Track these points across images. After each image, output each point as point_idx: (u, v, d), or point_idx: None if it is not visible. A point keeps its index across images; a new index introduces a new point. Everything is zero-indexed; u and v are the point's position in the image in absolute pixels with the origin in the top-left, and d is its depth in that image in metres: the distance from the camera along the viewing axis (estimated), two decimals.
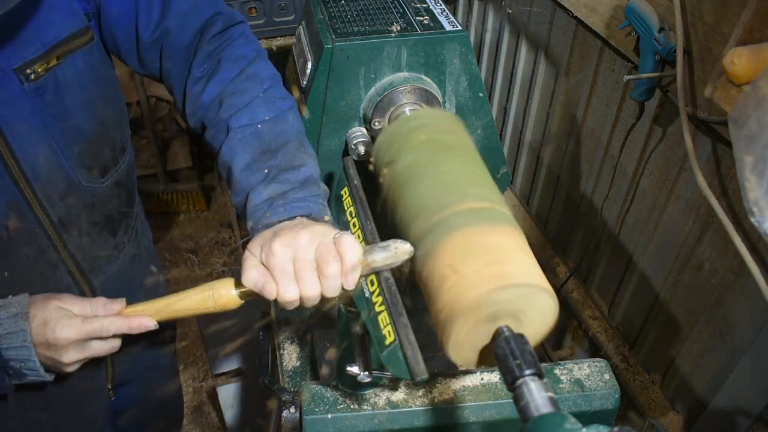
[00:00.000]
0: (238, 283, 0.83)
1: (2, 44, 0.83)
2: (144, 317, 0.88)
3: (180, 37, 0.99)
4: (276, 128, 0.95)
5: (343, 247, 0.76)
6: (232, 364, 2.31)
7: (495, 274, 0.68)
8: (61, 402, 1.13)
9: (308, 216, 0.85)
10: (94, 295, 1.08)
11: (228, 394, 2.20)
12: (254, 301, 0.85)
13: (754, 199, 0.72)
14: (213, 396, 2.38)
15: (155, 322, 0.89)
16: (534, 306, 0.69)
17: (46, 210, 0.95)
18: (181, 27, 0.98)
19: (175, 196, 3.21)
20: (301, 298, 0.79)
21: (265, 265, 0.79)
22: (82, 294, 1.06)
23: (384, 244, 0.78)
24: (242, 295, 0.84)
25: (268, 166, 0.90)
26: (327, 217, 0.87)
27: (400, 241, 0.78)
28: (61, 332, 0.85)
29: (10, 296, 0.88)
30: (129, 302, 0.91)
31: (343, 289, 0.78)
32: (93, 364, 0.97)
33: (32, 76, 0.87)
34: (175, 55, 1.00)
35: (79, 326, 0.86)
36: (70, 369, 0.90)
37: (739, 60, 0.84)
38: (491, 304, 0.66)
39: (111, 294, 0.96)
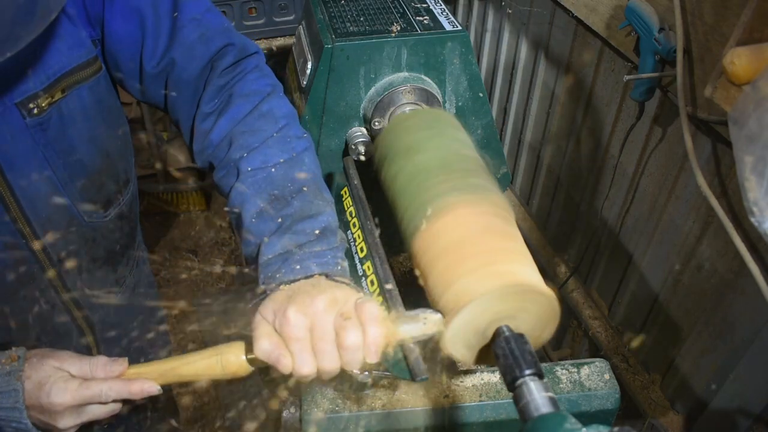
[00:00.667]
0: (249, 350, 0.77)
1: (4, 76, 0.77)
2: (147, 381, 0.81)
3: (186, 69, 0.92)
4: (291, 172, 0.87)
5: (365, 317, 0.70)
6: None
7: (496, 276, 0.68)
8: None
9: (326, 275, 0.78)
10: (93, 331, 1.03)
11: (229, 394, 2.20)
12: None
13: (754, 199, 0.71)
14: (213, 396, 2.38)
15: (159, 387, 0.82)
16: (535, 309, 0.68)
17: (46, 250, 0.89)
18: (188, 58, 0.91)
19: (175, 196, 3.21)
20: (318, 371, 0.72)
21: (279, 334, 0.72)
22: (80, 333, 1.01)
23: (413, 313, 0.71)
24: (253, 363, 0.77)
25: (282, 215, 0.83)
26: (346, 279, 0.79)
27: (429, 310, 0.71)
28: (56, 397, 0.79)
29: (7, 351, 0.81)
30: (128, 352, 0.86)
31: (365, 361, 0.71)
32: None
33: (35, 111, 0.81)
34: (181, 87, 0.93)
35: (75, 391, 0.79)
36: None
37: (739, 60, 0.84)
38: (492, 307, 0.66)
39: (110, 327, 0.93)
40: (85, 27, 0.86)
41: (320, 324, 0.70)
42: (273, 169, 0.86)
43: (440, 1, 1.22)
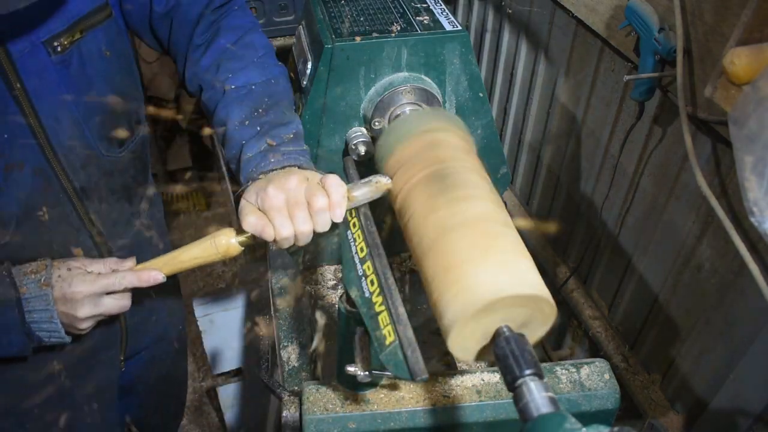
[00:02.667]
0: (238, 231, 0.91)
1: (31, 19, 0.90)
2: (153, 270, 0.95)
3: (190, 10, 1.08)
4: (268, 90, 1.03)
5: (328, 185, 0.85)
6: (232, 364, 2.31)
7: (491, 277, 0.68)
8: (76, 367, 1.19)
9: (298, 166, 0.93)
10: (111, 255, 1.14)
11: (228, 394, 2.20)
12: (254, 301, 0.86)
13: (754, 199, 0.72)
14: (213, 396, 2.38)
15: (164, 275, 0.95)
16: (538, 317, 0.68)
17: (69, 177, 1.01)
18: (191, 1, 1.07)
19: (175, 196, 3.22)
20: (295, 235, 0.86)
21: (261, 209, 0.86)
22: (101, 257, 1.11)
23: (366, 180, 0.87)
24: (242, 242, 0.91)
25: (260, 122, 0.98)
26: (313, 168, 0.94)
27: (380, 175, 0.87)
28: (77, 286, 0.92)
29: (35, 262, 0.95)
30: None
31: (333, 223, 0.86)
32: (109, 331, 1.09)
33: (59, 48, 0.93)
34: (183, 26, 1.08)
35: (93, 280, 0.93)
36: (85, 325, 0.96)
37: (739, 60, 0.84)
38: (492, 310, 0.66)
39: (127, 256, 1.02)
40: None
41: (293, 195, 0.85)
42: (253, 87, 1.02)
43: (440, 1, 1.22)
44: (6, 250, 0.99)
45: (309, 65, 1.13)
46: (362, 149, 1.09)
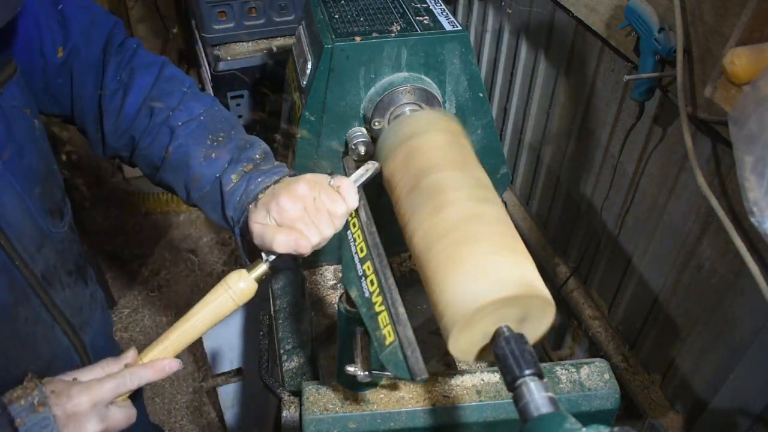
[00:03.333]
0: (250, 267, 0.84)
1: None
2: (165, 359, 0.81)
3: (90, 53, 0.95)
4: (216, 117, 0.96)
5: (344, 189, 0.84)
6: (232, 364, 2.31)
7: (490, 278, 0.68)
8: None
9: (291, 176, 0.89)
10: (87, 357, 1.00)
11: (228, 394, 2.20)
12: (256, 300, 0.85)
13: (754, 199, 0.72)
14: (213, 396, 2.38)
15: (179, 361, 0.82)
16: (534, 311, 0.68)
17: (29, 265, 0.86)
18: (87, 42, 0.94)
19: (175, 196, 3.21)
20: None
21: (281, 225, 0.82)
22: (78, 355, 0.98)
23: (362, 169, 0.90)
24: (259, 277, 0.84)
25: (226, 151, 0.92)
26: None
27: (371, 162, 0.91)
28: (78, 397, 0.75)
29: (19, 386, 0.76)
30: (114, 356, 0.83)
31: None
32: None
33: None
34: (87, 73, 0.95)
35: (97, 386, 0.77)
36: None
37: (739, 60, 0.84)
38: (491, 312, 0.66)
39: (100, 353, 0.92)
40: None
41: (310, 203, 0.82)
42: (201, 118, 0.94)
43: (440, 1, 1.22)
44: None
45: (309, 65, 1.13)
46: (362, 149, 1.09)
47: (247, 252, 0.93)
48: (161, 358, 0.81)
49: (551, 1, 1.45)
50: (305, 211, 0.82)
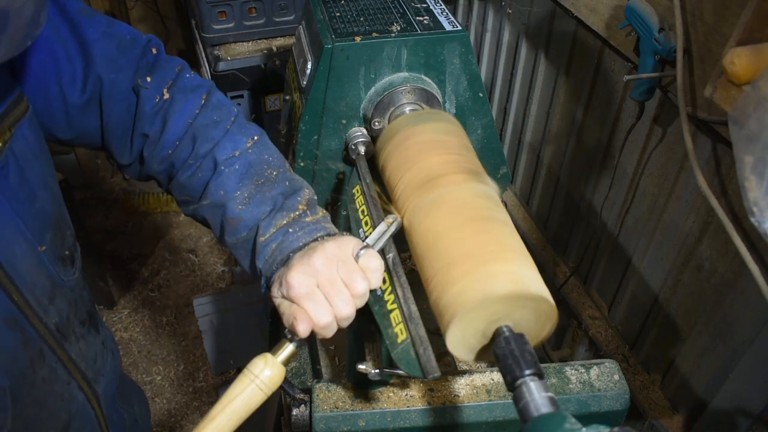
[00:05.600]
0: (276, 350, 0.76)
1: None
2: None
3: (118, 83, 0.85)
4: (263, 154, 0.88)
5: (368, 267, 0.75)
6: (232, 364, 2.31)
7: (490, 277, 0.68)
8: None
9: (328, 235, 0.81)
10: (101, 409, 0.93)
11: None
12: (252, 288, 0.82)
13: (754, 199, 0.71)
14: (213, 396, 2.38)
15: None
16: (534, 312, 0.68)
17: (42, 319, 0.79)
18: (114, 70, 0.84)
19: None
20: (336, 319, 0.75)
21: (290, 300, 0.75)
22: (95, 413, 0.91)
23: (379, 229, 0.81)
24: (286, 359, 0.76)
25: (270, 196, 0.84)
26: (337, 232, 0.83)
27: (390, 216, 0.83)
28: None
29: None
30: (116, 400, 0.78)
31: None
32: None
33: None
34: (117, 104, 0.86)
35: None
36: None
37: (739, 60, 0.84)
38: (487, 311, 0.66)
39: (110, 403, 0.87)
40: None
41: (326, 277, 0.74)
42: (248, 153, 0.87)
43: (440, 1, 1.22)
44: None
45: (309, 65, 1.13)
46: (362, 149, 1.09)
47: (270, 309, 0.87)
48: None
49: (551, 1, 1.45)
50: (318, 287, 0.74)
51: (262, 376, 0.74)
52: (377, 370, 0.83)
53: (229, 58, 1.88)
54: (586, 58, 1.38)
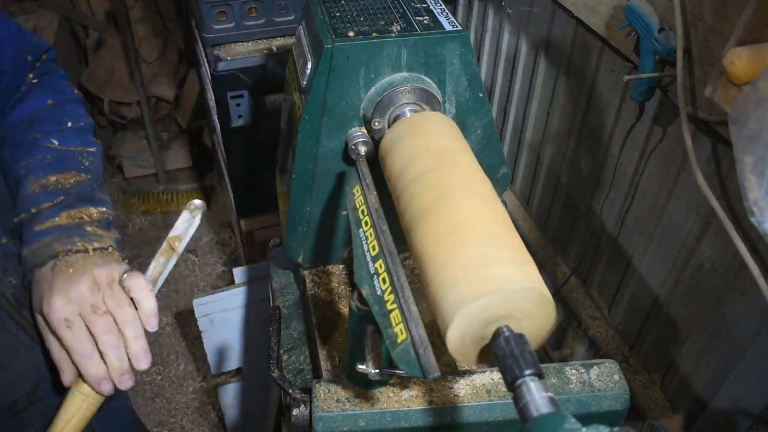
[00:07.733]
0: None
1: None
2: None
3: (16, 78, 0.94)
4: (82, 160, 0.92)
5: (137, 294, 0.74)
6: (232, 364, 2.31)
7: (489, 276, 0.68)
8: None
9: (107, 248, 0.83)
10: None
11: (228, 394, 2.20)
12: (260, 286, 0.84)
13: (754, 199, 0.71)
14: (213, 396, 2.38)
15: None
16: (534, 311, 0.68)
17: (20, 303, 0.86)
18: (17, 69, 0.94)
19: (175, 196, 3.21)
20: (108, 370, 0.74)
21: (51, 330, 0.74)
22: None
23: (162, 258, 0.80)
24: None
25: (66, 192, 0.86)
26: (115, 254, 0.84)
27: (194, 201, 0.84)
28: None
29: None
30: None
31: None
32: None
33: None
34: (9, 96, 0.94)
35: None
36: None
37: (739, 60, 0.84)
38: (485, 310, 0.66)
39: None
40: None
41: (87, 306, 0.72)
42: (68, 151, 0.90)
43: (440, 1, 1.22)
44: None
45: (309, 65, 1.13)
46: (362, 149, 1.09)
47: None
48: None
49: (551, 1, 1.45)
50: (81, 317, 0.71)
51: (81, 387, 0.77)
52: (377, 370, 0.83)
53: (229, 58, 1.88)
54: (586, 58, 1.38)
